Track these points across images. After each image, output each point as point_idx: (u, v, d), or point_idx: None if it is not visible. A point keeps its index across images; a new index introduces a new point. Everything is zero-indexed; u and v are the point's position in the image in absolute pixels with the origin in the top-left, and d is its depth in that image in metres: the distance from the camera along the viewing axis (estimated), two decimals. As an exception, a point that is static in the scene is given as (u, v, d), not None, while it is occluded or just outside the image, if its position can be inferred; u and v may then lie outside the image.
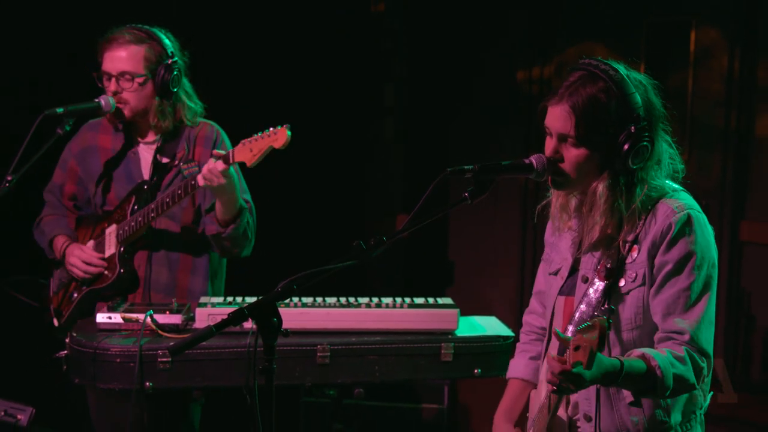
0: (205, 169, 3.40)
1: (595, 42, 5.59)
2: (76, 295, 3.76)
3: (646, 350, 2.40)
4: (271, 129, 3.33)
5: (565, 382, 2.23)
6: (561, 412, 2.61)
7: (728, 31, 5.24)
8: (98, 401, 3.68)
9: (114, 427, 3.59)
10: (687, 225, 2.46)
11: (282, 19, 5.74)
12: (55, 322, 3.84)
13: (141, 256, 3.72)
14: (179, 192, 3.50)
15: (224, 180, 3.40)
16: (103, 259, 3.72)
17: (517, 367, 2.88)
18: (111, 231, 3.71)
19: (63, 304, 3.82)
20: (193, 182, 3.45)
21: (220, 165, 3.39)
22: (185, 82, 3.73)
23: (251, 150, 3.34)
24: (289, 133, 3.29)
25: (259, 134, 3.35)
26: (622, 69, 2.49)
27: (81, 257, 3.71)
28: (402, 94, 6.24)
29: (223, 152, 3.41)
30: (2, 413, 4.44)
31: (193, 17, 3.87)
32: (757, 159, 5.28)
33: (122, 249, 3.68)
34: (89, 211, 3.84)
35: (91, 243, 3.77)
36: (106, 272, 3.71)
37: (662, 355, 2.37)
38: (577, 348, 2.20)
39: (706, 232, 2.50)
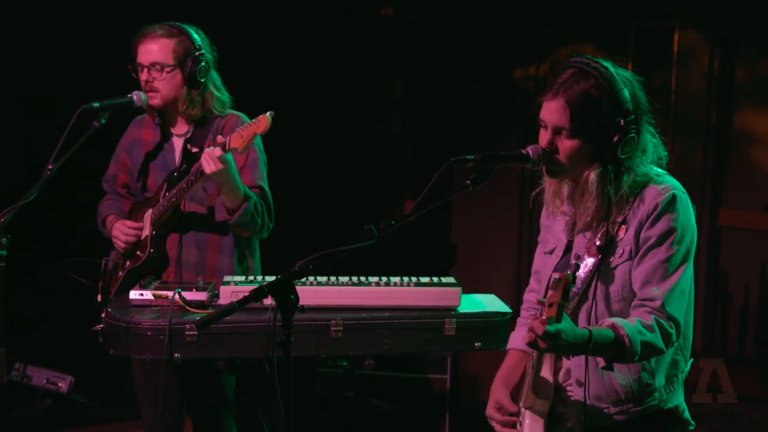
0: (204, 153, 3.39)
1: (586, 43, 5.56)
2: (120, 273, 3.77)
3: (616, 320, 2.39)
4: (257, 117, 3.33)
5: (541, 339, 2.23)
6: (548, 375, 2.60)
7: (709, 34, 5.22)
8: (142, 370, 3.68)
9: (155, 393, 3.58)
10: (671, 204, 2.45)
11: (299, 22, 5.72)
12: (99, 298, 3.84)
13: (173, 238, 3.71)
14: (192, 178, 3.49)
15: (221, 165, 3.36)
16: (138, 239, 3.72)
17: (516, 339, 2.87)
18: (147, 215, 3.72)
19: (111, 283, 3.83)
20: (201, 168, 3.44)
21: (217, 150, 3.37)
22: (214, 74, 3.71)
23: (242, 137, 3.34)
24: (270, 117, 3.29)
25: (248, 122, 3.37)
26: (610, 66, 2.48)
27: (121, 229, 3.72)
28: (409, 91, 6.23)
29: (223, 139, 3.39)
30: (45, 381, 4.47)
31: (194, 17, 3.80)
32: (734, 151, 5.26)
33: (154, 232, 3.68)
34: (140, 198, 3.85)
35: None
36: (138, 252, 3.71)
37: (631, 324, 2.37)
38: (551, 305, 2.21)
39: (688, 211, 2.49)
